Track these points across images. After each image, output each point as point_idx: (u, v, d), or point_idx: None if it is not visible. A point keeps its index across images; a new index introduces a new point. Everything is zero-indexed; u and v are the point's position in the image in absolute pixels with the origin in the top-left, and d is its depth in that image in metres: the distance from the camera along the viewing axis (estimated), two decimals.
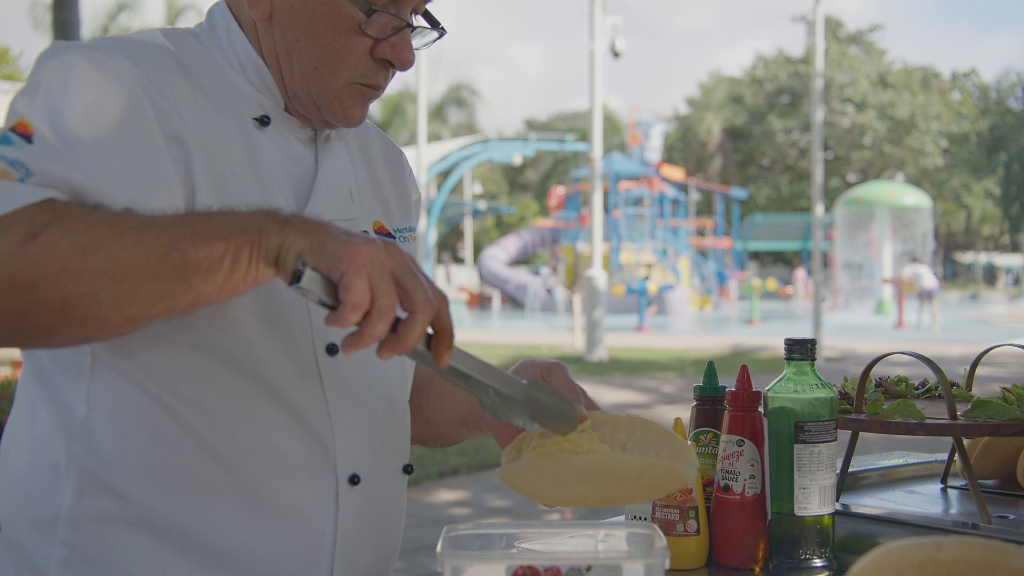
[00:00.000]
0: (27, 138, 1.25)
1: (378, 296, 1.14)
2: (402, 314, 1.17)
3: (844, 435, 1.75)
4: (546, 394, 1.35)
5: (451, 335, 1.21)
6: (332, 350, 1.45)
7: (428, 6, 1.53)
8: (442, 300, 1.19)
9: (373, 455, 1.52)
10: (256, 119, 1.48)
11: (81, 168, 1.25)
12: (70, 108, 1.29)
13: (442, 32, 1.55)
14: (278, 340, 1.41)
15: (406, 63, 1.50)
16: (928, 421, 1.70)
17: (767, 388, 1.62)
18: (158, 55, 1.42)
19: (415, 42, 1.51)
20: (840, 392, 1.85)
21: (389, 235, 1.62)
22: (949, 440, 1.89)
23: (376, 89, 1.51)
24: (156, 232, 1.16)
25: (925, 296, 27.15)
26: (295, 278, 1.14)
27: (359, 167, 1.65)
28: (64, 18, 8.59)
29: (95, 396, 1.37)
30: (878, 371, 1.91)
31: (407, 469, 1.61)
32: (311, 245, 1.15)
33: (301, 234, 1.17)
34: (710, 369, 1.75)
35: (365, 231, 1.57)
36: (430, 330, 1.20)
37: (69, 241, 1.14)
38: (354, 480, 1.47)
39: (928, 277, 27.36)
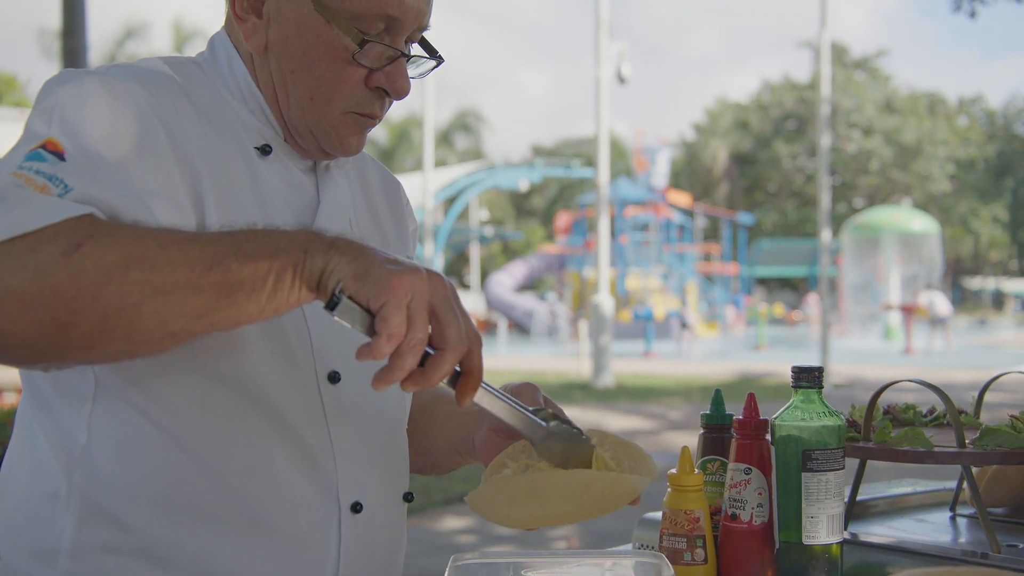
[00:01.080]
0: (60, 156, 1.26)
1: (412, 329, 1.13)
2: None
3: (852, 463, 1.74)
4: (565, 436, 1.37)
5: (479, 377, 1.21)
6: (334, 378, 1.45)
7: (425, 34, 1.53)
8: (475, 340, 1.19)
9: (374, 483, 1.52)
10: (258, 148, 1.49)
11: (114, 188, 1.25)
12: (89, 132, 1.30)
13: (439, 61, 1.55)
14: (281, 368, 1.40)
15: (401, 92, 1.50)
16: (936, 449, 1.69)
17: (774, 416, 1.61)
18: (165, 82, 1.43)
19: (412, 71, 1.51)
20: (848, 420, 1.84)
21: None
22: (958, 468, 1.87)
23: (372, 118, 1.51)
24: (201, 246, 1.16)
25: (939, 323, 27.13)
26: (331, 304, 1.13)
27: (357, 196, 1.65)
28: (72, 45, 8.63)
29: (97, 424, 1.36)
30: (886, 398, 1.90)
31: (407, 497, 1.61)
32: (355, 272, 1.15)
33: (346, 258, 1.16)
34: (717, 397, 1.74)
35: None
36: (459, 367, 1.19)
37: (113, 252, 1.13)
38: (356, 508, 1.47)
39: (942, 304, 27.36)
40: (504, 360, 24.09)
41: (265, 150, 1.49)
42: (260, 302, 1.16)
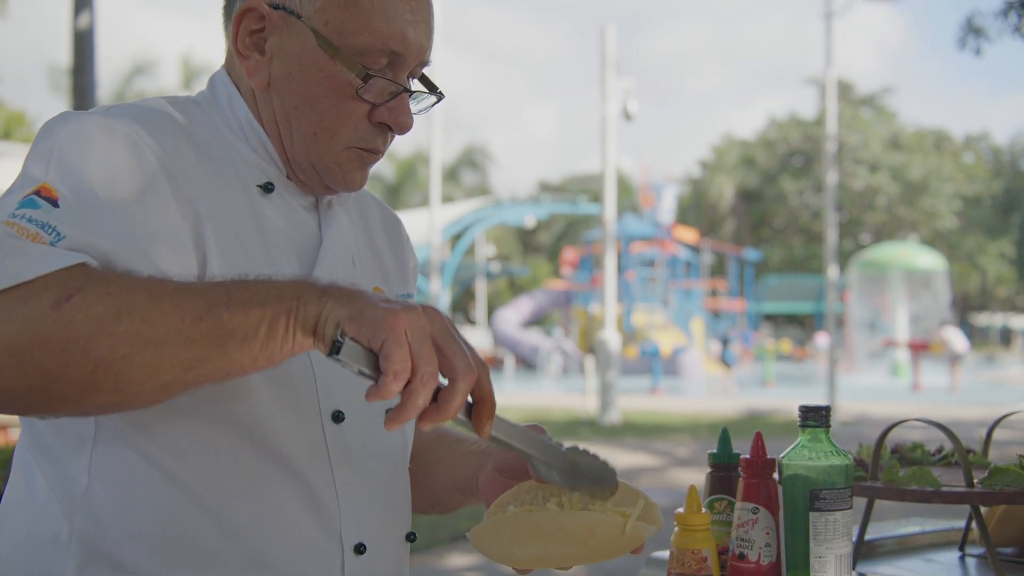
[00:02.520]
0: (53, 202, 1.25)
1: (420, 364, 1.12)
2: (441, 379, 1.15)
3: (860, 502, 1.73)
4: (585, 459, 1.36)
5: (493, 403, 1.20)
6: (338, 418, 1.44)
7: (426, 71, 1.54)
8: (483, 367, 1.18)
9: (378, 524, 1.50)
10: (260, 186, 1.49)
11: (108, 234, 1.25)
12: (88, 175, 1.29)
13: (440, 96, 1.55)
14: (285, 408, 1.39)
15: (404, 127, 1.50)
16: (944, 489, 1.69)
17: (782, 455, 1.60)
18: (166, 122, 1.42)
19: (413, 107, 1.52)
20: (855, 459, 1.83)
21: None
22: (967, 507, 1.86)
23: (375, 153, 1.52)
24: (192, 296, 1.15)
25: (956, 359, 27.10)
26: (334, 348, 1.12)
27: (359, 233, 1.65)
28: (81, 82, 8.70)
29: (98, 466, 1.35)
30: (894, 436, 1.89)
31: (410, 537, 1.60)
32: (350, 314, 1.14)
33: (340, 303, 1.16)
34: (724, 436, 1.74)
35: None
36: (470, 397, 1.18)
37: (104, 303, 1.13)
38: (360, 549, 1.46)
39: (960, 341, 27.34)
40: (511, 396, 24.03)
41: (267, 188, 1.49)
42: (253, 352, 1.16)
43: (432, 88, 1.55)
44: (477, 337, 42.21)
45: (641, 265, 38.53)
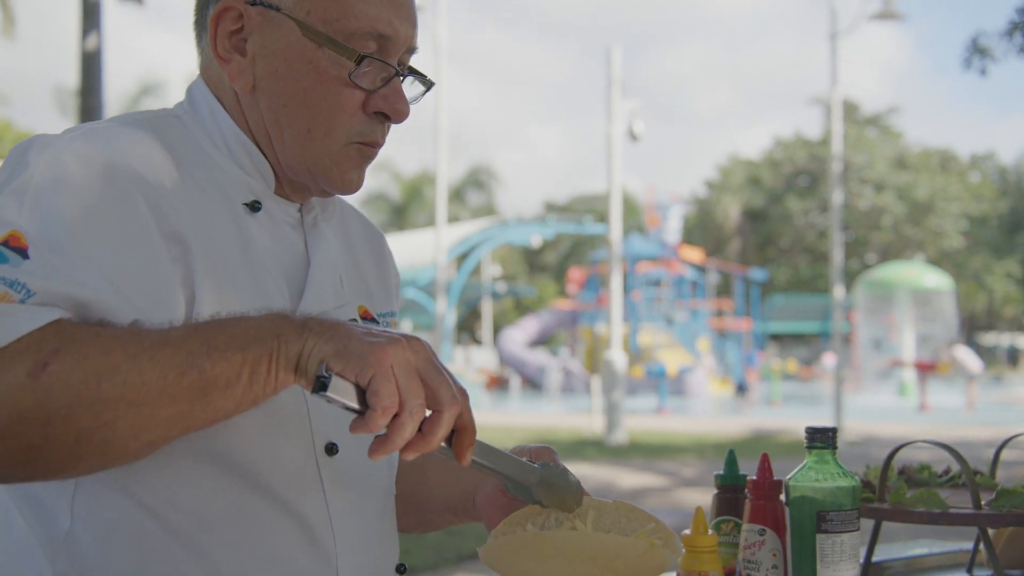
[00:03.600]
0: (22, 252, 1.18)
1: (407, 398, 1.12)
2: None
3: (867, 524, 1.73)
4: (557, 477, 1.37)
5: (473, 432, 1.20)
6: (332, 450, 1.40)
7: (413, 62, 1.50)
8: (464, 396, 1.17)
9: (371, 556, 1.47)
10: (246, 204, 1.43)
11: (82, 281, 1.19)
12: (64, 213, 1.22)
13: (430, 84, 1.51)
14: (276, 442, 1.35)
15: (401, 114, 1.45)
16: (952, 511, 1.68)
17: (788, 477, 1.60)
18: (146, 145, 1.35)
19: (407, 94, 1.48)
20: (862, 480, 1.83)
21: (373, 320, 1.59)
22: (974, 528, 1.86)
23: (374, 147, 1.46)
24: (171, 350, 1.12)
25: (970, 379, 27.04)
26: (319, 385, 1.11)
27: (343, 250, 1.60)
28: (89, 103, 8.75)
29: (81, 507, 1.29)
30: (901, 457, 1.89)
31: (400, 568, 1.57)
32: (335, 350, 1.13)
33: (322, 339, 1.14)
34: (730, 457, 1.74)
35: (354, 319, 1.53)
36: None
37: (82, 368, 1.09)
38: None
39: (973, 360, 27.29)
40: (517, 417, 24.00)
41: (255, 207, 1.43)
42: (236, 397, 1.15)
43: (422, 76, 1.50)
44: (483, 357, 42.19)
45: (647, 285, 38.51)
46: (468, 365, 37.64)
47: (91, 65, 8.76)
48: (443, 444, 1.18)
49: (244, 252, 1.39)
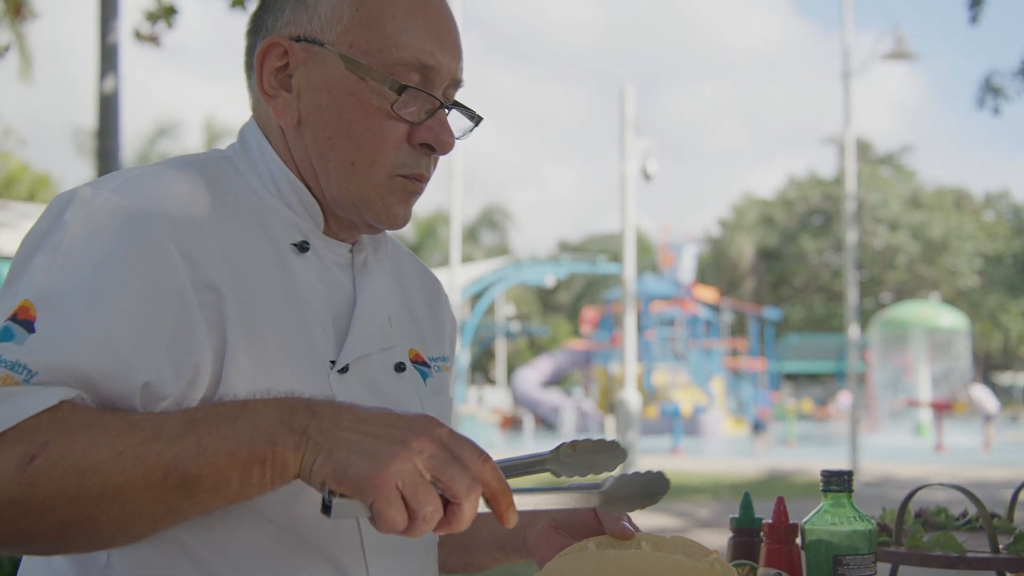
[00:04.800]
0: (29, 326, 1.18)
1: (418, 508, 1.09)
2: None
3: (884, 568, 1.72)
4: (621, 487, 1.33)
5: (506, 493, 1.15)
6: None
7: (458, 97, 1.48)
8: (485, 468, 1.14)
9: None
10: (295, 245, 1.42)
11: (90, 354, 1.19)
12: (85, 273, 1.22)
13: (478, 119, 1.50)
14: (317, 498, 1.31)
15: (446, 146, 1.43)
16: (969, 555, 1.67)
17: (804, 520, 1.59)
18: (188, 189, 1.35)
19: (454, 131, 1.46)
20: (879, 524, 1.82)
21: (424, 363, 1.56)
22: (993, 573, 1.84)
23: (419, 180, 1.45)
24: (159, 448, 1.10)
25: (988, 419, 26.89)
26: (323, 507, 1.09)
27: (394, 291, 1.58)
28: (106, 145, 8.80)
29: None
30: (918, 499, 1.88)
31: None
32: (332, 471, 1.09)
33: (320, 454, 1.10)
34: (746, 501, 1.73)
35: (401, 362, 1.51)
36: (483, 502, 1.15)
37: (66, 463, 1.09)
38: None
39: (990, 400, 27.15)
40: None
41: (303, 247, 1.43)
42: (227, 497, 1.13)
43: (469, 111, 1.49)
44: (497, 396, 42.11)
45: (661, 324, 38.47)
46: (482, 405, 37.53)
47: (108, 107, 8.83)
48: (483, 508, 1.15)
49: (287, 295, 1.38)
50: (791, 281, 62.50)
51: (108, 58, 8.86)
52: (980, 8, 15.66)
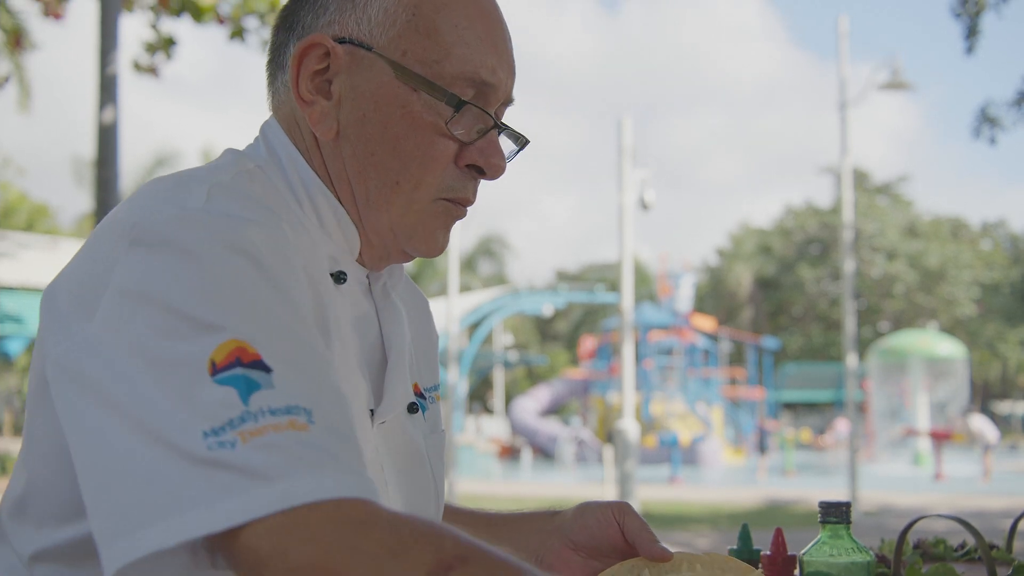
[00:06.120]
0: (262, 368, 1.01)
1: None
2: None
3: None
4: None
5: None
6: None
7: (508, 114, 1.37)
8: None
9: None
10: (332, 275, 1.27)
11: (330, 375, 1.06)
12: (279, 311, 1.06)
13: (525, 141, 1.38)
14: None
15: (498, 169, 1.31)
16: None
17: (802, 552, 1.59)
18: (279, 214, 1.19)
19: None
20: (877, 555, 1.81)
21: (421, 395, 1.48)
22: None
23: (464, 205, 1.32)
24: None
25: (987, 448, 26.86)
26: None
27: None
28: (105, 175, 8.81)
29: None
30: (917, 530, 1.87)
31: None
32: None
33: None
34: (744, 532, 1.72)
35: (413, 403, 1.42)
36: None
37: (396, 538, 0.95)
38: None
39: (990, 430, 27.13)
40: (528, 487, 23.86)
41: (340, 278, 1.28)
42: None
43: (515, 133, 1.37)
44: (495, 426, 42.03)
45: (659, 354, 38.45)
46: (479, 435, 37.46)
47: (107, 137, 8.84)
48: None
49: (336, 329, 1.24)
50: (789, 310, 62.52)
51: (107, 89, 8.88)
52: (976, 39, 15.77)
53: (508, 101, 1.34)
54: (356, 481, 0.98)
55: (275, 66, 1.35)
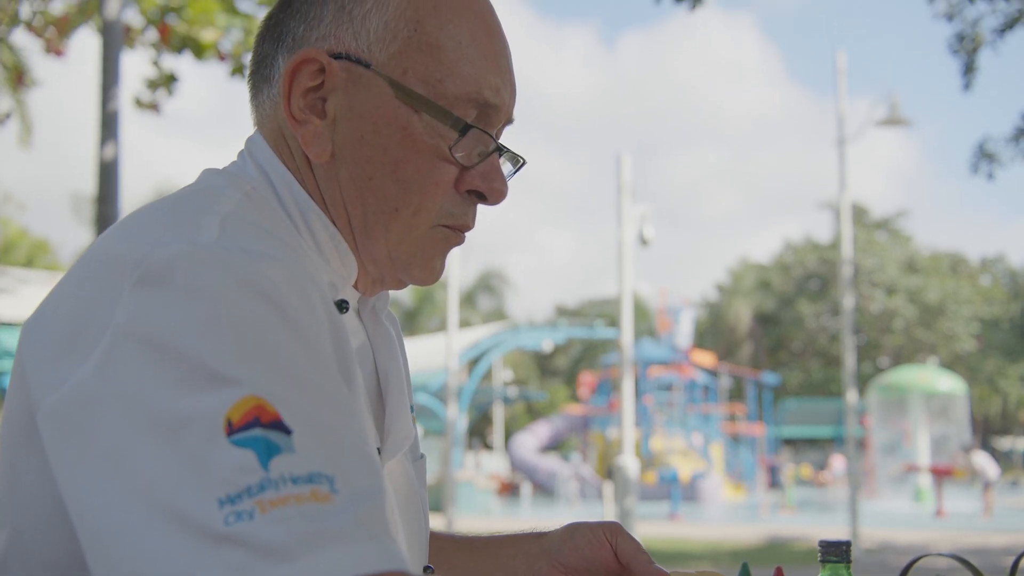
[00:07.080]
0: (281, 428, 0.93)
1: None
2: None
3: None
4: None
5: None
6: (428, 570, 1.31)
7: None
8: None
9: None
10: (336, 303, 1.17)
11: (355, 431, 1.00)
12: (300, 361, 0.98)
13: (522, 163, 1.31)
14: None
15: (499, 194, 1.24)
16: None
17: None
18: (288, 243, 1.13)
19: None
20: None
21: None
22: None
23: (463, 231, 1.25)
24: None
25: (988, 485, 26.77)
26: None
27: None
28: (105, 211, 8.82)
29: None
30: (918, 568, 1.86)
31: None
32: None
33: None
34: (744, 571, 1.71)
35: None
36: None
37: None
38: None
39: (991, 466, 27.06)
40: (528, 523, 23.72)
41: (342, 307, 1.19)
42: None
43: (513, 154, 1.30)
44: (494, 462, 41.90)
45: (659, 389, 38.42)
46: (479, 471, 37.33)
47: (108, 174, 8.86)
48: None
49: (340, 360, 1.14)
50: (789, 346, 62.51)
51: (108, 125, 8.91)
52: (973, 75, 15.83)
53: (509, 121, 1.28)
54: (379, 552, 0.90)
55: (259, 78, 1.26)
